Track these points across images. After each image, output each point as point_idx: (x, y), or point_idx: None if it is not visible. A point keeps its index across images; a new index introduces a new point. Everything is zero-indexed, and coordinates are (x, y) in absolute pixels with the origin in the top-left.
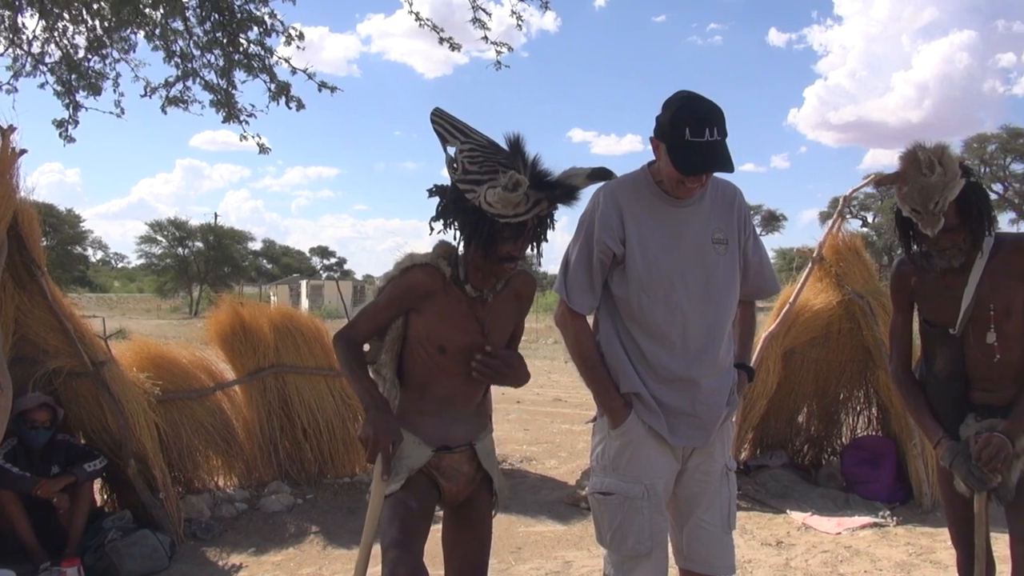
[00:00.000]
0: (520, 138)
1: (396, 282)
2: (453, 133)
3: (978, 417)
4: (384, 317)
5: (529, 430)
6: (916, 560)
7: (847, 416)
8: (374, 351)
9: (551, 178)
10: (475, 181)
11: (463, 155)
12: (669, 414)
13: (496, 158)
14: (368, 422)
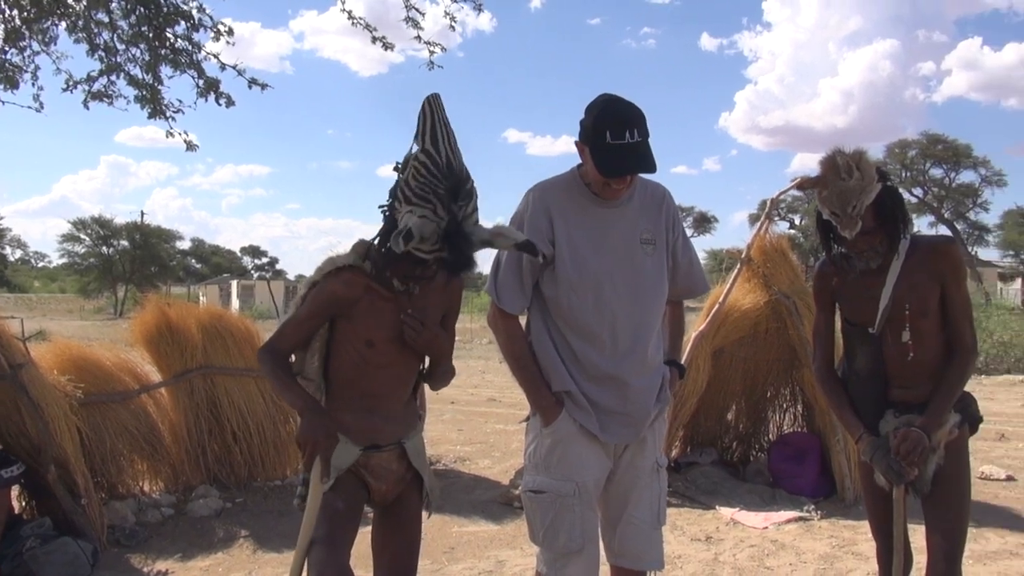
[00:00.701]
0: (462, 187)
1: (316, 293)
2: (427, 132)
3: (896, 413)
4: (308, 328)
5: (463, 430)
6: (839, 552)
7: (774, 413)
8: (299, 360)
9: (468, 238)
10: (406, 198)
11: (414, 163)
12: (600, 412)
13: (438, 187)
14: (306, 425)
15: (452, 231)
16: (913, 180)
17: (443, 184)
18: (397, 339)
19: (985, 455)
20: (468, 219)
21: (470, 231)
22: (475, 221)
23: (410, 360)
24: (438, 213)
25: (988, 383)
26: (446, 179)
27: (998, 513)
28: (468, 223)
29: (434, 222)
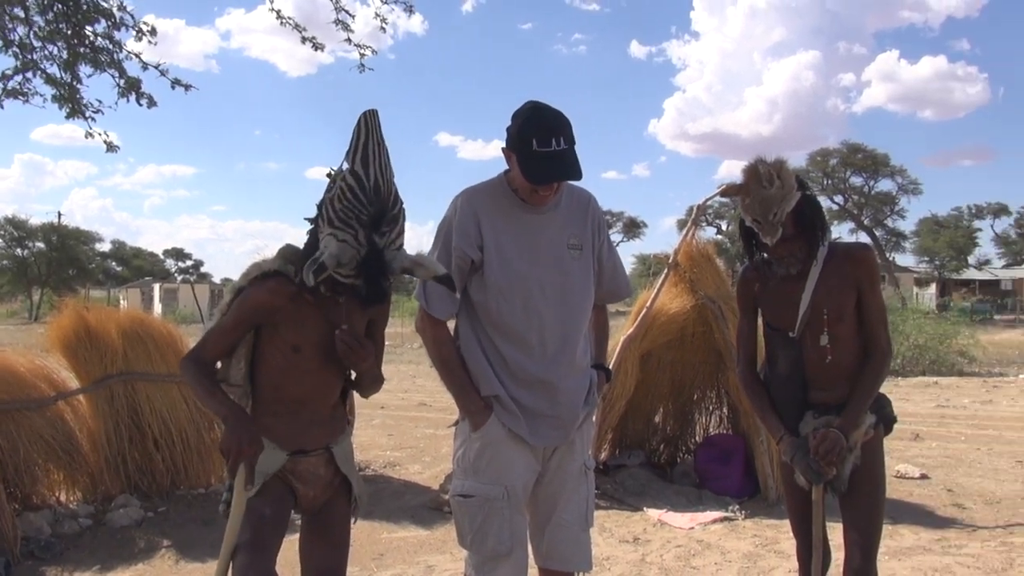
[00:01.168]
0: (387, 214)
1: (241, 302)
2: (359, 152)
3: (816, 415)
4: (233, 337)
5: (393, 435)
6: (762, 551)
7: (700, 415)
8: (224, 367)
9: (386, 268)
10: (329, 219)
11: (341, 184)
12: (529, 416)
13: (362, 213)
14: (229, 432)
15: (370, 261)
16: (834, 188)
17: (367, 211)
18: (324, 344)
19: (900, 454)
20: (390, 246)
21: (391, 258)
22: (399, 246)
23: (337, 366)
24: (359, 240)
25: (904, 384)
26: (371, 205)
27: (913, 510)
28: (390, 251)
29: (354, 249)
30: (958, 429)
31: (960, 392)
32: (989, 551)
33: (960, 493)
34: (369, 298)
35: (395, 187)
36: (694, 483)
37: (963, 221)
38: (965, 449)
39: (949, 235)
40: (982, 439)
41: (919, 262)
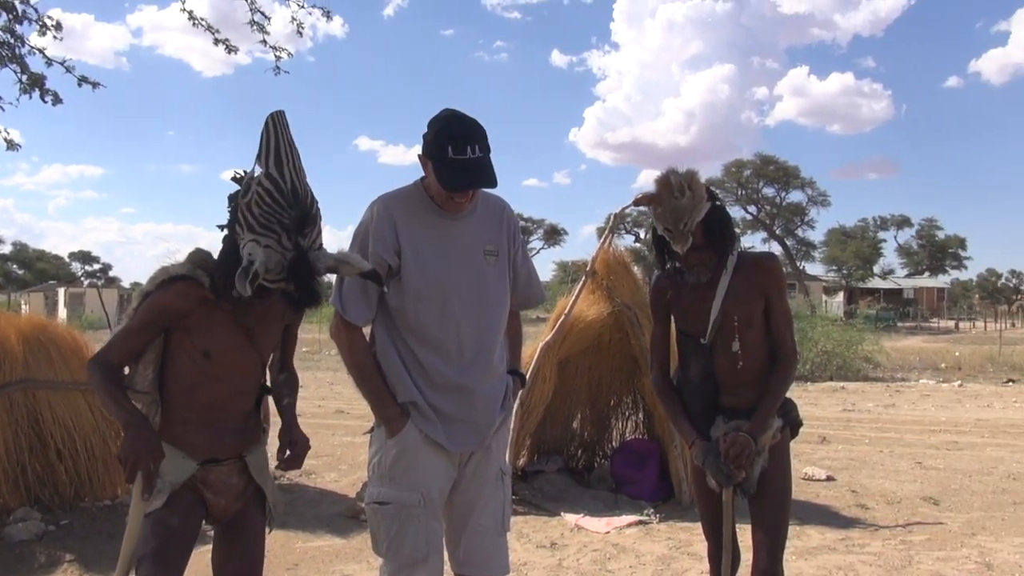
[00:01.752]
0: (308, 216)
1: (148, 304)
2: (271, 154)
3: (726, 419)
4: (140, 341)
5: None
6: (676, 553)
7: (617, 421)
8: (132, 372)
9: (313, 271)
10: (250, 226)
11: (257, 189)
12: (446, 421)
13: (284, 217)
14: (127, 440)
15: (298, 264)
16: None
17: (288, 214)
18: (236, 351)
19: (808, 457)
20: (313, 247)
21: (315, 259)
22: (319, 246)
23: (250, 371)
24: (283, 244)
25: (812, 389)
26: (292, 208)
27: (819, 511)
28: (313, 252)
29: (279, 253)
30: (862, 432)
31: (865, 396)
32: (890, 549)
33: (863, 494)
34: (302, 301)
35: (309, 187)
36: (610, 488)
37: (869, 232)
38: (869, 451)
39: (856, 245)
40: (885, 441)
41: (828, 271)
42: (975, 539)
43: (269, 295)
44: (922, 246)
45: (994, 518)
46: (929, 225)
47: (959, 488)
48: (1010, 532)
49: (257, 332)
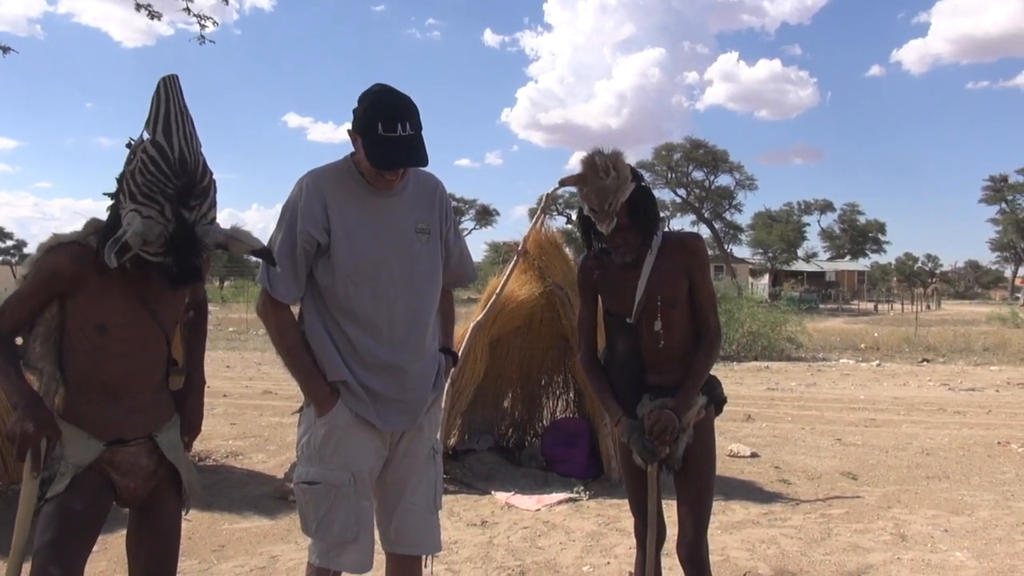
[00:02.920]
0: (195, 187)
1: (38, 268)
2: (159, 121)
3: (652, 397)
4: (30, 307)
5: (236, 424)
6: (604, 529)
7: (548, 400)
8: (24, 346)
9: (197, 245)
10: (131, 195)
11: (142, 156)
12: (377, 401)
13: (167, 187)
14: (17, 416)
15: (179, 237)
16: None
17: (173, 183)
18: (134, 324)
19: (733, 434)
20: (202, 220)
21: (203, 233)
22: (211, 220)
23: (152, 348)
24: (165, 215)
25: (738, 369)
26: (177, 177)
27: (744, 487)
28: (201, 226)
29: (160, 225)
30: (785, 410)
31: (788, 376)
32: (810, 523)
33: (786, 470)
34: (180, 277)
35: (203, 158)
36: (541, 466)
37: (793, 216)
38: (791, 429)
39: (781, 229)
40: (806, 419)
41: (754, 254)
42: (890, 512)
43: (152, 270)
44: (844, 230)
45: (908, 491)
46: (851, 210)
47: (876, 463)
48: (923, 504)
49: (157, 306)
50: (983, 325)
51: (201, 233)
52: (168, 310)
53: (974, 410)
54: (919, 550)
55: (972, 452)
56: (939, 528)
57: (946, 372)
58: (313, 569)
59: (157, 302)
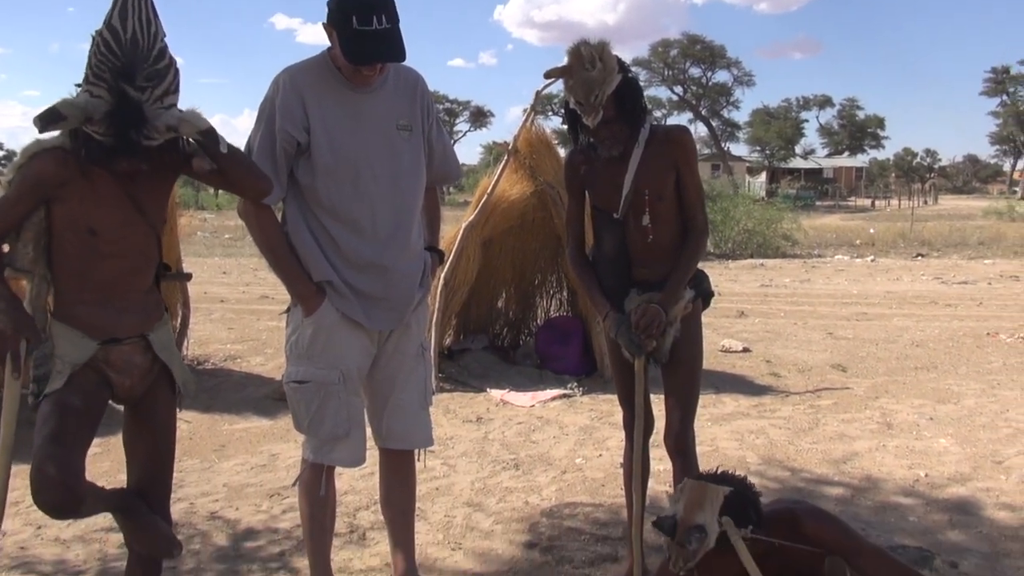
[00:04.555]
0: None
1: (22, 174)
2: (117, 5)
3: (639, 292)
4: (16, 213)
5: (234, 329)
6: (597, 423)
7: (541, 299)
8: (11, 252)
9: (136, 121)
10: (86, 77)
11: (96, 39)
12: (363, 300)
13: (114, 63)
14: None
15: (119, 112)
16: (674, 79)
17: (120, 61)
18: (123, 225)
19: (726, 330)
20: (157, 103)
21: (153, 116)
22: (168, 106)
23: (143, 247)
24: (112, 93)
25: (733, 267)
26: (124, 56)
27: (735, 381)
28: (152, 108)
29: (107, 103)
30: (778, 306)
31: (782, 273)
32: (799, 413)
33: (777, 363)
34: (117, 149)
35: (163, 44)
36: (535, 364)
37: (792, 112)
38: (784, 324)
39: (779, 126)
40: (799, 314)
41: (751, 151)
42: (878, 402)
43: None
44: (843, 126)
45: (896, 382)
46: (850, 105)
47: (866, 356)
48: (910, 394)
49: (147, 204)
50: (979, 219)
51: (151, 115)
52: (157, 209)
53: (965, 303)
54: (904, 437)
55: (961, 343)
56: (925, 416)
57: (940, 266)
58: (308, 465)
59: (145, 201)
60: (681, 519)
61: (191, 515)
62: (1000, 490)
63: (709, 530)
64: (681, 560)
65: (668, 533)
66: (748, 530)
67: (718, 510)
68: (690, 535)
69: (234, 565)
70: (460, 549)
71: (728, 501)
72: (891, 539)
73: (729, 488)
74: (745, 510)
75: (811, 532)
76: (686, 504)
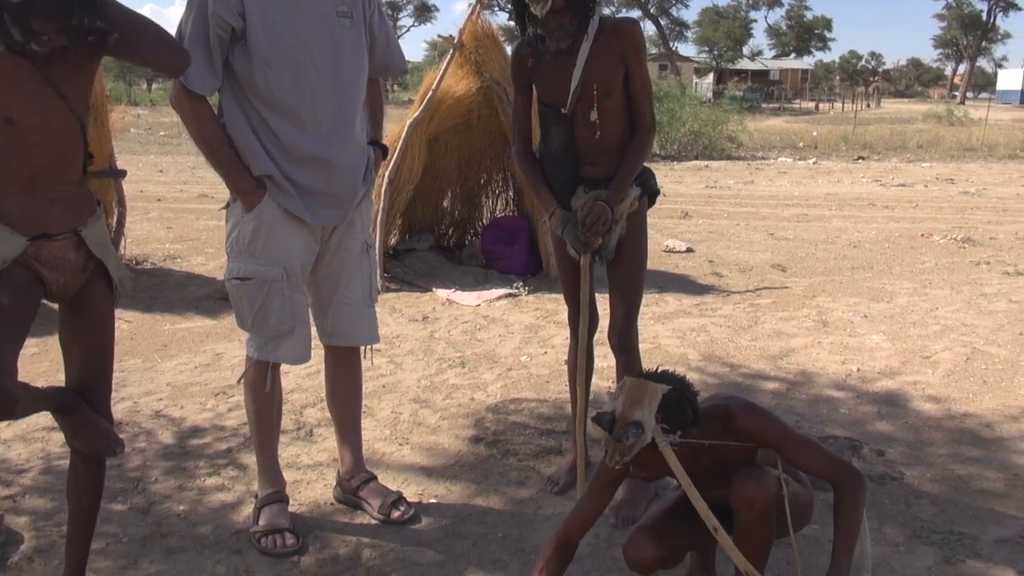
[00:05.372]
0: None
1: None
2: None
3: (586, 189)
4: None
5: (172, 228)
6: (542, 322)
7: (487, 198)
8: None
9: None
10: None
11: None
12: (305, 195)
13: None
14: None
15: None
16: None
17: None
18: (44, 112)
19: (670, 231)
20: None
21: None
22: None
23: (67, 136)
24: None
25: (679, 168)
26: None
27: (678, 280)
28: None
29: None
30: (722, 207)
31: (727, 174)
32: (739, 312)
33: (719, 263)
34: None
35: None
36: (481, 264)
37: (740, 12)
38: (727, 225)
39: (727, 25)
40: (742, 216)
41: (699, 52)
42: (815, 300)
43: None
44: (790, 27)
45: (833, 281)
46: (798, 5)
47: (805, 256)
48: (846, 293)
49: (67, 89)
50: (919, 123)
51: None
52: (78, 95)
53: (902, 205)
54: (839, 335)
55: (896, 244)
56: (859, 314)
57: (880, 169)
58: (252, 362)
59: (65, 86)
60: (619, 415)
61: (135, 414)
62: (927, 383)
63: (646, 427)
64: (617, 455)
65: (606, 428)
66: (677, 435)
67: (656, 408)
68: (627, 431)
69: (181, 462)
70: (407, 444)
71: (666, 399)
72: (823, 430)
73: (667, 387)
74: (682, 408)
75: (743, 426)
76: (625, 401)
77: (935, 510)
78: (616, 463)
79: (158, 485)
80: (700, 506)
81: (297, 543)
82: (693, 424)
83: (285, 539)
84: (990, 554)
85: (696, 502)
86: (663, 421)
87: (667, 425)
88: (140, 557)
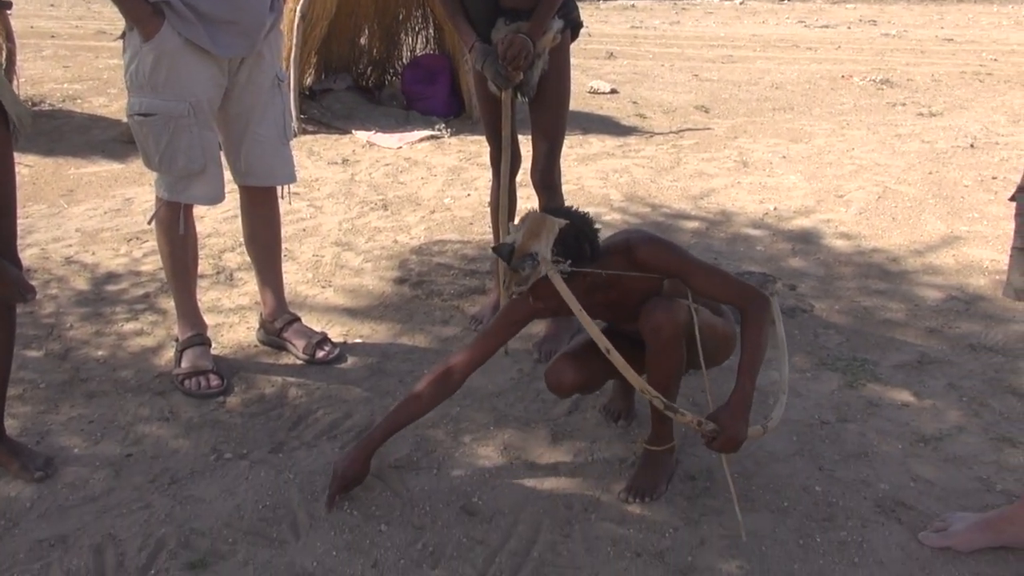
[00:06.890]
0: None
1: None
2: None
3: (507, 21)
4: None
5: (70, 67)
6: (465, 164)
7: (406, 36)
8: None
9: None
10: None
11: None
12: (208, 23)
13: None
14: None
15: None
16: None
17: None
18: None
19: (595, 72)
20: None
21: None
22: None
23: None
24: None
25: (604, 7)
26: None
27: (602, 122)
28: None
29: None
30: (647, 48)
31: (653, 15)
32: (662, 153)
33: (643, 105)
34: None
35: None
36: (401, 105)
37: None
38: (652, 66)
39: None
40: (667, 56)
41: None
42: (736, 141)
43: None
44: None
45: (755, 123)
46: None
47: (728, 97)
48: (766, 134)
49: None
50: None
51: None
52: None
53: (825, 46)
54: (758, 175)
55: (817, 85)
56: (778, 155)
57: (805, 10)
58: (163, 203)
59: None
60: (518, 246)
61: (44, 260)
62: (839, 221)
63: (541, 259)
64: (514, 284)
65: (504, 259)
66: (567, 264)
67: (552, 241)
68: (523, 261)
69: (97, 308)
70: (330, 286)
71: (563, 233)
72: (739, 267)
73: (566, 221)
74: (579, 242)
75: (644, 258)
76: (524, 233)
77: (841, 339)
78: (512, 292)
79: (74, 331)
80: (592, 330)
81: (222, 384)
82: (592, 259)
83: (209, 380)
84: (889, 377)
85: (588, 326)
86: (559, 254)
87: (562, 258)
88: (60, 402)
